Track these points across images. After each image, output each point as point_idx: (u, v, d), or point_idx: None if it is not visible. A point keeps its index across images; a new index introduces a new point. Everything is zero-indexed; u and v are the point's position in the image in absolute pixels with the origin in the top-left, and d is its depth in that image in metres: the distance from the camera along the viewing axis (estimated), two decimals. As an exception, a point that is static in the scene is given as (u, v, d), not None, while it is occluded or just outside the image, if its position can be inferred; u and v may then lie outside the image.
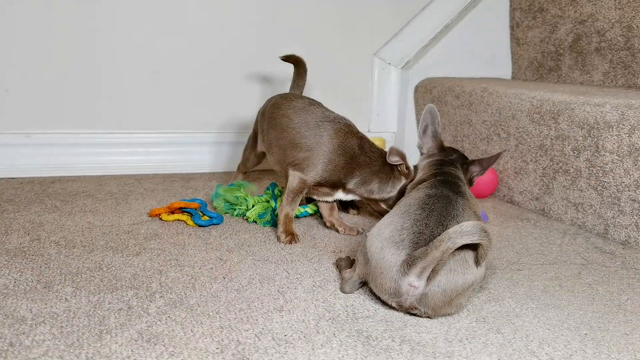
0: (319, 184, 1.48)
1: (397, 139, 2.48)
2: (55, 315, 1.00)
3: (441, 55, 2.42)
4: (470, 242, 0.98)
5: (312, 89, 2.34)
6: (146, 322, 0.98)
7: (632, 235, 1.49)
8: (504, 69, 2.53)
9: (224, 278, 1.20)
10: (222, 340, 0.94)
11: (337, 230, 1.54)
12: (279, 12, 2.24)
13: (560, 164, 1.69)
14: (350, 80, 2.41)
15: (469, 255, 1.03)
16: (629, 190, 1.49)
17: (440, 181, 1.25)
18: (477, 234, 0.97)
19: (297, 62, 1.79)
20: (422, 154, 1.51)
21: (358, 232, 1.53)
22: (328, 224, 1.57)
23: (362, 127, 2.45)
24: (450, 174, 1.31)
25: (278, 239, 1.44)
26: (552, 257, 1.40)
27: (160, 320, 0.99)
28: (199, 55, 2.16)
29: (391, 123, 2.49)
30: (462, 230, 0.96)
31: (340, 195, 1.52)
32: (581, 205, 1.64)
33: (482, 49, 2.50)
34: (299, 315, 1.04)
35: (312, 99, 1.61)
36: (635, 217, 1.48)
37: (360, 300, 1.12)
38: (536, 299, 1.16)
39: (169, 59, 2.13)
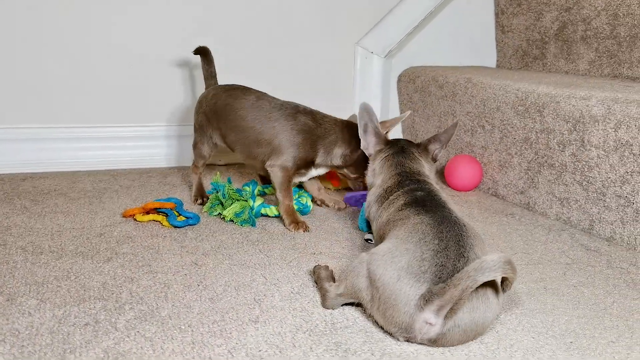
0: (298, 167, 1.54)
1: (380, 129, 2.43)
2: (17, 333, 0.94)
3: (425, 43, 2.37)
4: (492, 279, 0.90)
5: (292, 80, 2.28)
6: (113, 339, 0.94)
7: (617, 232, 1.47)
8: (489, 57, 2.49)
9: (198, 285, 1.15)
10: (193, 358, 0.90)
11: (328, 205, 1.70)
12: (258, 0, 2.17)
13: (546, 157, 1.66)
14: (331, 70, 2.35)
15: (490, 290, 0.96)
16: (615, 186, 1.46)
17: (415, 194, 1.20)
18: (500, 269, 0.89)
19: (204, 52, 1.81)
20: (369, 154, 1.46)
21: (339, 208, 1.68)
22: (319, 202, 1.70)
23: (345, 115, 2.41)
24: (418, 179, 1.29)
25: (289, 230, 1.50)
26: (537, 257, 1.37)
27: (128, 337, 0.95)
28: (173, 46, 2.08)
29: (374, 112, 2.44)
30: (484, 267, 0.88)
31: (313, 172, 1.60)
32: (566, 200, 1.60)
33: (466, 37, 2.45)
34: (275, 327, 1.00)
35: (258, 92, 1.65)
36: (620, 213, 1.45)
37: (340, 309, 1.08)
38: (521, 304, 1.13)
39: (145, 53, 2.05)
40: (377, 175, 1.40)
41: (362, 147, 1.47)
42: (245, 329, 0.99)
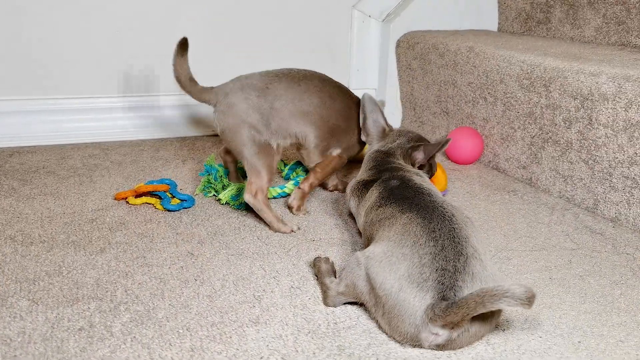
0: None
1: (378, 95, 2.36)
2: (9, 341, 0.91)
3: (424, 6, 2.27)
4: (511, 308, 0.85)
5: (285, 45, 2.19)
6: (109, 347, 0.90)
7: (622, 212, 1.43)
8: (490, 21, 2.40)
9: (196, 280, 1.12)
10: (193, 368, 0.87)
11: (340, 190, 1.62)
12: (249, -38, 2.06)
13: (550, 134, 1.61)
14: (327, 34, 2.26)
15: None
16: (622, 167, 1.41)
17: (389, 184, 1.19)
18: (522, 302, 0.83)
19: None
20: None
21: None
22: (331, 188, 1.62)
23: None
24: (391, 167, 1.27)
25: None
26: (541, 241, 1.34)
27: (124, 343, 0.91)
28: (162, 13, 1.99)
29: (372, 79, 2.37)
30: (506, 294, 0.82)
31: None
32: (570, 177, 1.57)
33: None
34: (276, 329, 0.97)
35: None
36: (627, 194, 1.42)
37: (341, 306, 1.05)
38: (526, 297, 1.10)
39: (132, 19, 1.96)
40: (361, 168, 1.38)
41: (363, 139, 1.46)
42: (245, 331, 0.96)
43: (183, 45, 1.38)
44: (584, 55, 1.66)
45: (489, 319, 0.92)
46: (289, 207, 1.45)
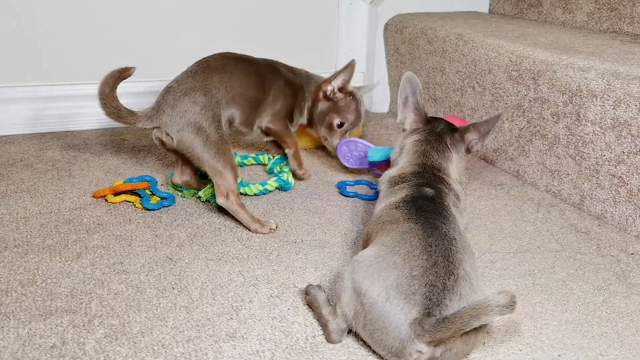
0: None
1: (366, 79, 2.32)
2: (-22, 361, 0.89)
3: (414, -13, 2.21)
4: (501, 317, 0.84)
5: (272, 27, 2.13)
6: (81, 367, 0.89)
7: (608, 210, 1.42)
8: (481, 2, 2.34)
9: (173, 289, 1.10)
10: (167, 390, 0.85)
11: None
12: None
13: (538, 127, 1.58)
14: (314, 17, 2.20)
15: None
16: (609, 165, 1.39)
17: (421, 190, 1.14)
18: (508, 309, 0.82)
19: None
20: (403, 130, 1.34)
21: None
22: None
23: (328, 67, 2.29)
24: (435, 174, 1.20)
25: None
26: (526, 242, 1.33)
27: (97, 363, 0.90)
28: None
29: (359, 63, 2.29)
30: (490, 306, 0.81)
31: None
32: (557, 172, 1.54)
33: (458, -20, 2.29)
34: (253, 344, 0.96)
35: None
36: (613, 192, 1.40)
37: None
38: (508, 306, 1.09)
39: (112, 1, 1.89)
40: (403, 155, 1.28)
41: (398, 121, 1.34)
42: (221, 347, 0.95)
43: (121, 75, 1.34)
44: (574, 46, 1.62)
45: (471, 338, 0.90)
46: (294, 175, 1.57)
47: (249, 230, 1.32)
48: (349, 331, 0.97)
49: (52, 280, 1.10)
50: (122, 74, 1.35)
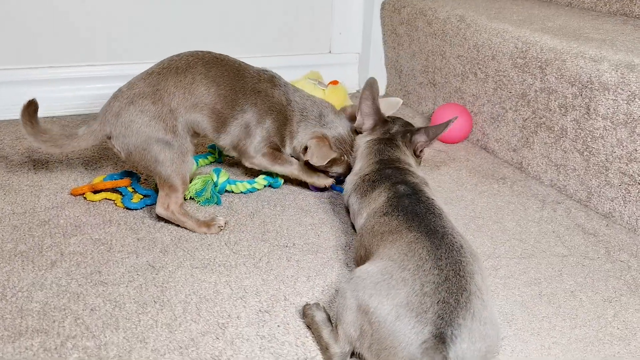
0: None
1: (361, 60, 2.21)
2: (-62, 393, 0.81)
3: (413, -37, 2.09)
4: None
5: (264, 6, 2.01)
6: (52, 400, 0.81)
7: (617, 209, 1.34)
8: (484, -21, 2.22)
9: (155, 303, 1.02)
10: None
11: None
12: None
13: (544, 119, 1.49)
14: (307, -5, 2.08)
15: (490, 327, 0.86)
16: (620, 162, 1.31)
17: (398, 189, 1.10)
18: None
19: None
20: (360, 132, 1.35)
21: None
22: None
23: (322, 47, 2.18)
24: (398, 167, 1.18)
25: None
26: (531, 245, 1.25)
27: (69, 395, 0.82)
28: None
29: (355, 43, 2.21)
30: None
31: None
32: (563, 167, 1.46)
33: (459, -45, 2.16)
34: (240, 370, 0.88)
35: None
36: (623, 191, 1.32)
37: (312, 337, 0.96)
38: (514, 321, 1.02)
39: (89, -22, 1.77)
40: (359, 158, 1.28)
41: (356, 125, 1.33)
42: (206, 374, 0.87)
43: (30, 108, 1.22)
44: (584, 32, 1.52)
45: None
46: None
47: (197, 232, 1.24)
48: (352, 354, 0.90)
49: (24, 294, 1.02)
50: (32, 107, 1.22)
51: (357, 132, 1.35)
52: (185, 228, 1.24)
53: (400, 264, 0.89)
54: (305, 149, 1.34)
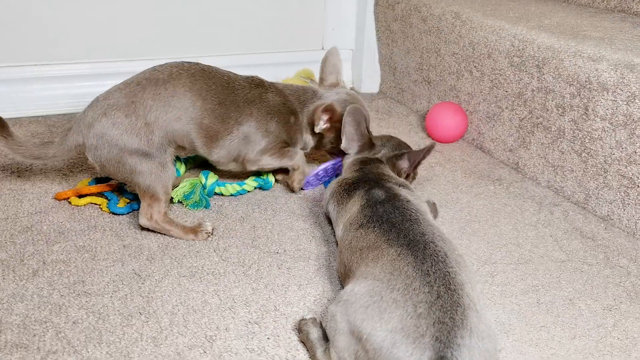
0: None
1: (354, 57, 2.17)
2: None
3: (407, -42, 2.05)
4: None
5: (253, 3, 1.97)
6: (30, 422, 0.78)
7: (615, 212, 1.31)
8: (479, -26, 2.18)
9: (140, 314, 0.98)
10: None
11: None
12: None
13: (541, 119, 1.46)
14: (299, -10, 2.04)
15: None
16: (619, 165, 1.28)
17: (373, 194, 1.08)
18: None
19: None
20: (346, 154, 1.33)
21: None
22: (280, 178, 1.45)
23: (314, 44, 2.14)
24: (376, 176, 1.16)
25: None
26: (528, 250, 1.22)
27: (49, 415, 0.79)
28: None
29: (348, 39, 2.17)
30: None
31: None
32: (560, 168, 1.43)
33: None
34: (228, 387, 0.85)
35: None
36: (622, 193, 1.29)
37: (303, 349, 0.93)
38: (511, 331, 0.99)
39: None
40: (342, 173, 1.26)
41: (342, 147, 1.30)
42: (192, 391, 0.84)
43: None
44: (582, 30, 1.48)
45: None
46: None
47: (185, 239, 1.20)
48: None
49: (4, 306, 0.98)
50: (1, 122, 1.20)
51: (344, 153, 1.32)
52: (172, 236, 1.20)
53: (387, 284, 0.85)
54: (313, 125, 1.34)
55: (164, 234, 1.20)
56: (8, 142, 1.19)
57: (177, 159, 1.35)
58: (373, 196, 1.06)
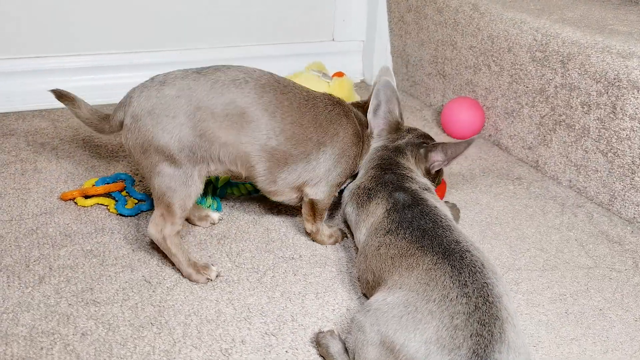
0: None
1: (366, 49, 2.11)
2: None
3: (421, -54, 1.98)
4: None
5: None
6: None
7: (643, 214, 1.27)
8: (495, -37, 2.11)
9: (152, 325, 0.94)
10: None
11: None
12: None
13: (564, 116, 1.41)
14: (310, -21, 1.98)
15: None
16: (648, 166, 1.23)
17: (396, 198, 1.01)
18: None
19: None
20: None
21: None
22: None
23: (324, 35, 2.08)
24: (396, 172, 1.08)
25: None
26: (553, 255, 1.17)
27: None
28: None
29: (359, 30, 2.11)
30: None
31: None
32: (584, 167, 1.38)
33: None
34: (247, 406, 0.81)
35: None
36: (650, 196, 1.24)
37: (325, 364, 0.88)
38: (540, 344, 0.94)
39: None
40: (362, 165, 1.17)
41: (368, 132, 1.19)
42: (208, 411, 0.80)
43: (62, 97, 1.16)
44: (609, 24, 1.42)
45: None
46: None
47: (181, 274, 1.05)
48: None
49: (9, 316, 0.94)
50: (59, 94, 1.18)
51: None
52: (172, 261, 1.06)
53: (423, 295, 0.81)
54: None
55: (165, 255, 1.08)
56: (78, 114, 1.15)
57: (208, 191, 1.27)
58: (398, 200, 1.01)
